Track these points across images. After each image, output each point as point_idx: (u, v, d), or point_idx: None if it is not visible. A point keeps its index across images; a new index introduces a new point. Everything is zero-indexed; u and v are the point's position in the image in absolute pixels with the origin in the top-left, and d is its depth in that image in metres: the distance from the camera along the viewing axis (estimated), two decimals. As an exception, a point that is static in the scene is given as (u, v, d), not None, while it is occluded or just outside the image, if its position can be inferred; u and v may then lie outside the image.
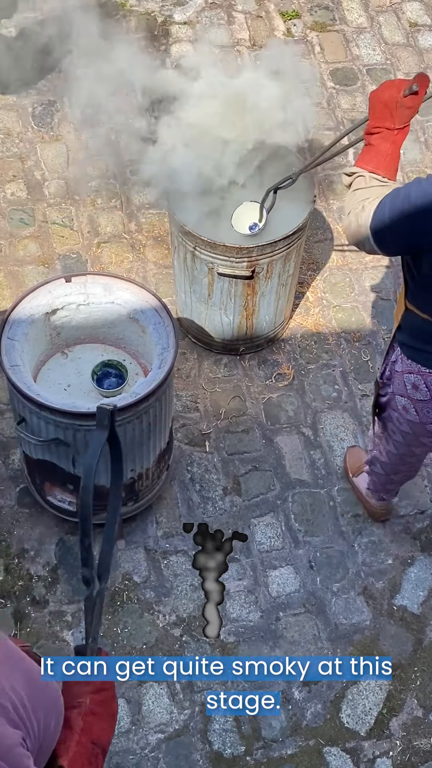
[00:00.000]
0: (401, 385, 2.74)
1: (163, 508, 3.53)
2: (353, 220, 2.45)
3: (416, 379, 2.69)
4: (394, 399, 2.81)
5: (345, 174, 2.58)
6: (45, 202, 4.31)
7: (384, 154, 2.49)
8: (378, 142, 2.50)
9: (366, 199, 2.44)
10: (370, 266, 4.23)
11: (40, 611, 3.30)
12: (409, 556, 3.52)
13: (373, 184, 2.47)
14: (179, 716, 3.15)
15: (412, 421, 2.81)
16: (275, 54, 3.59)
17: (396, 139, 2.49)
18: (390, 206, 2.35)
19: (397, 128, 2.48)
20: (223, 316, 3.74)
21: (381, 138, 2.50)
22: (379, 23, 5.04)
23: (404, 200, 2.32)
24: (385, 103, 2.47)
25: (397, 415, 2.85)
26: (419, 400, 2.72)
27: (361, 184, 2.49)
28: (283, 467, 3.67)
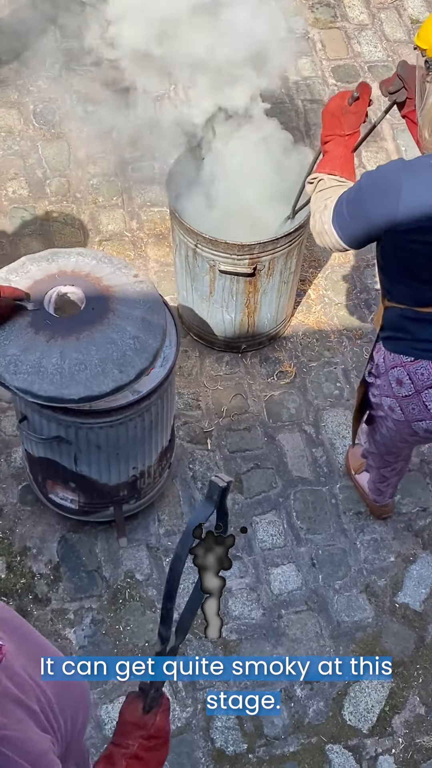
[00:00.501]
0: (387, 385, 2.76)
1: (165, 506, 3.53)
2: (317, 219, 2.61)
3: (399, 372, 2.71)
4: (381, 401, 2.83)
5: (308, 182, 2.75)
6: (46, 200, 4.31)
7: (339, 157, 2.69)
8: (332, 147, 2.71)
9: (328, 198, 2.60)
10: (372, 264, 4.22)
11: (42, 609, 3.30)
12: (411, 554, 3.52)
13: (333, 184, 2.64)
14: (181, 714, 3.15)
15: (397, 420, 2.82)
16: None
17: (347, 143, 2.71)
18: (346, 199, 2.52)
19: (347, 134, 2.71)
20: (224, 313, 3.73)
21: (334, 144, 2.71)
22: (381, 20, 5.03)
23: (356, 191, 2.49)
24: (332, 113, 2.72)
25: (383, 414, 2.88)
26: (404, 396, 2.73)
27: (322, 186, 2.66)
28: (285, 465, 3.67)
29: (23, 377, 2.72)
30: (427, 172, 2.40)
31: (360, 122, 2.71)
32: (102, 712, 3.15)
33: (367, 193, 2.44)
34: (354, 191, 2.50)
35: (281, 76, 4.73)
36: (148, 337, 2.83)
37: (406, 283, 2.58)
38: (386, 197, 2.39)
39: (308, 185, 2.74)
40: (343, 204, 2.52)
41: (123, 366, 2.77)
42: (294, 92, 4.72)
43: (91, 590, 3.35)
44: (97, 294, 2.87)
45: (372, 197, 2.43)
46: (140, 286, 2.93)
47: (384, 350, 2.75)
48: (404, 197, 2.37)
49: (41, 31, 4.74)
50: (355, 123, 2.70)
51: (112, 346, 2.78)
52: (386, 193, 2.39)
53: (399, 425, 2.84)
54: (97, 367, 2.74)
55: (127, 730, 1.79)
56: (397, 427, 2.86)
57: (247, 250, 3.44)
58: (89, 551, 3.42)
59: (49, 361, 2.73)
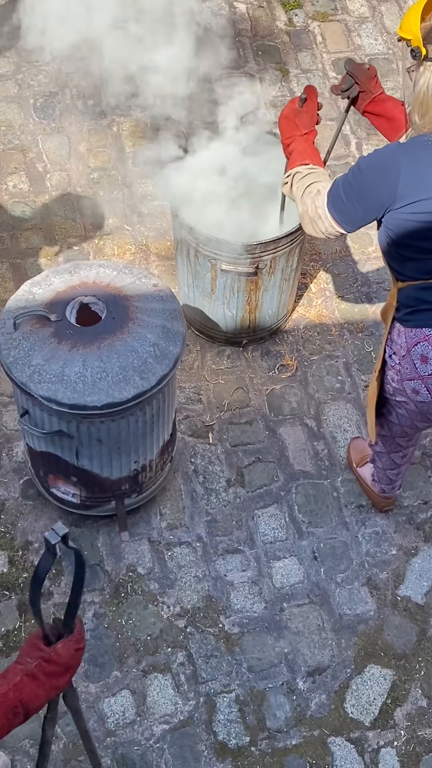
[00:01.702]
0: (410, 367, 2.75)
1: (166, 500, 3.53)
2: (310, 205, 2.71)
3: (423, 348, 2.71)
4: (402, 386, 2.81)
5: (283, 183, 2.88)
6: (47, 194, 4.30)
7: (303, 150, 2.85)
8: (294, 146, 2.87)
9: (317, 182, 2.72)
10: (373, 257, 4.22)
11: (45, 603, 3.30)
12: (413, 547, 3.52)
13: (308, 171, 2.78)
14: (184, 707, 3.16)
15: (422, 402, 2.82)
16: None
17: (308, 139, 2.88)
18: (343, 183, 2.63)
19: (305, 132, 2.88)
20: (226, 310, 3.73)
21: (296, 143, 2.88)
22: (381, 12, 5.02)
23: (355, 174, 2.59)
24: (286, 117, 2.90)
25: (403, 399, 2.87)
26: (430, 374, 2.73)
27: (300, 176, 2.79)
28: (287, 458, 3.67)
29: (47, 386, 2.84)
30: (423, 149, 2.52)
31: (314, 121, 2.90)
32: (104, 705, 3.15)
33: (367, 175, 2.55)
34: (352, 175, 2.60)
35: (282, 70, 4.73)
36: (168, 344, 2.94)
37: (415, 258, 2.64)
38: (386, 176, 2.52)
39: (284, 186, 2.88)
40: (339, 188, 2.63)
41: (144, 373, 2.87)
42: (294, 85, 4.71)
43: (93, 584, 3.35)
44: (118, 303, 2.99)
45: (372, 178, 2.54)
46: (160, 295, 3.04)
47: (404, 330, 2.76)
48: (404, 174, 2.49)
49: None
50: (309, 122, 2.89)
51: (132, 354, 2.88)
52: (386, 172, 2.51)
53: (422, 406, 2.84)
54: (118, 374, 2.85)
55: (28, 651, 1.87)
56: (419, 408, 2.86)
57: (249, 249, 3.44)
58: (91, 545, 3.43)
59: (71, 369, 2.84)
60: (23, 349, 2.90)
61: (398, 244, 2.63)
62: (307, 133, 2.88)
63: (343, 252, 4.23)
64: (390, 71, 4.79)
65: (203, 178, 3.58)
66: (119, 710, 3.14)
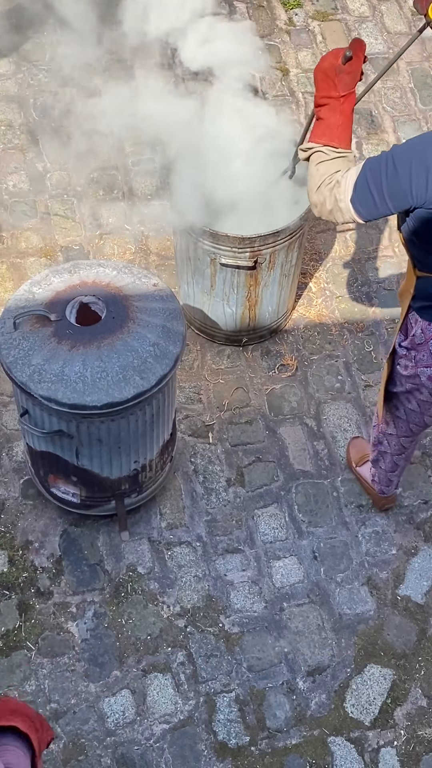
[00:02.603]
0: (427, 356, 2.74)
1: (166, 500, 3.53)
2: (328, 195, 2.54)
3: None
4: (417, 372, 2.80)
5: (301, 149, 2.64)
6: (47, 194, 4.30)
7: (335, 126, 2.56)
8: (326, 114, 2.57)
9: (336, 172, 2.53)
10: (373, 256, 4.22)
11: (45, 603, 3.30)
12: (413, 546, 3.52)
13: (334, 156, 2.56)
14: (184, 707, 3.16)
15: None
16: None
17: (343, 108, 2.55)
18: (372, 176, 2.44)
19: (342, 95, 2.54)
20: (225, 306, 3.73)
21: (329, 110, 2.56)
22: (381, 12, 5.02)
23: (388, 166, 2.42)
24: (324, 72, 2.54)
25: (415, 386, 2.85)
26: None
27: (322, 158, 2.57)
28: (287, 458, 3.67)
29: (47, 386, 2.84)
30: None
31: (355, 82, 2.56)
32: (104, 704, 3.15)
33: (402, 170, 2.39)
34: (384, 167, 2.42)
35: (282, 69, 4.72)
36: (168, 343, 2.94)
37: None
38: (426, 172, 2.37)
39: (301, 152, 2.65)
40: (368, 181, 2.45)
41: (143, 372, 2.88)
42: (294, 84, 4.71)
43: (93, 584, 3.35)
44: (118, 303, 2.98)
45: (409, 173, 2.39)
46: (160, 294, 3.04)
47: (422, 321, 2.73)
48: None
49: (41, 23, 4.73)
50: (350, 83, 2.54)
51: (132, 354, 2.89)
52: (425, 166, 2.36)
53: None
54: (118, 374, 2.85)
55: None
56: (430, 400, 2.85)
57: (248, 243, 3.43)
58: (91, 545, 3.43)
59: (71, 369, 2.85)
60: (23, 349, 2.90)
61: (424, 238, 2.53)
62: (345, 96, 2.54)
63: (344, 251, 4.23)
64: (390, 71, 4.78)
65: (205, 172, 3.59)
66: (119, 710, 3.15)
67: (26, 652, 3.22)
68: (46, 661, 3.21)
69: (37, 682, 3.18)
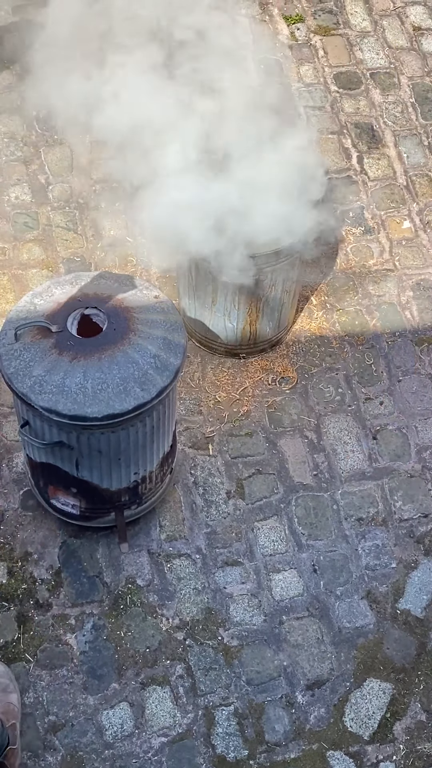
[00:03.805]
0: None
1: (166, 512, 3.53)
2: None
3: None
4: None
5: None
6: (49, 206, 4.31)
7: None
8: None
9: None
10: (374, 270, 4.23)
11: (44, 614, 3.30)
12: (413, 560, 3.51)
13: None
14: (182, 720, 3.15)
15: None
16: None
17: None
18: None
19: None
20: (227, 321, 3.74)
21: None
22: (383, 27, 5.05)
23: None
24: None
25: None
26: None
27: None
28: (287, 471, 3.67)
29: (48, 397, 2.85)
30: None
31: None
32: (102, 717, 3.14)
33: None
34: None
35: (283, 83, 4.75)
36: (169, 355, 2.95)
37: None
38: None
39: None
40: None
41: (144, 384, 2.88)
42: (296, 99, 4.73)
43: (92, 596, 3.35)
44: (119, 315, 3.00)
45: None
46: (161, 307, 3.05)
47: None
48: None
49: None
50: None
51: (133, 365, 2.90)
52: None
53: None
54: (119, 385, 2.87)
55: None
56: None
57: (250, 261, 3.44)
58: (90, 557, 3.42)
59: (72, 380, 2.85)
60: (24, 360, 2.91)
61: None
62: None
63: (344, 264, 4.24)
64: (391, 85, 4.81)
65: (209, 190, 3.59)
66: (117, 722, 3.13)
67: (25, 664, 3.21)
68: (44, 673, 3.21)
69: (36, 694, 3.17)
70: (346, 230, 4.33)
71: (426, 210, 4.41)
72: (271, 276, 3.54)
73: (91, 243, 4.22)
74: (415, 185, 4.48)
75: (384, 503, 3.62)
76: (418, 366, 3.97)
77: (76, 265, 4.13)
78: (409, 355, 3.99)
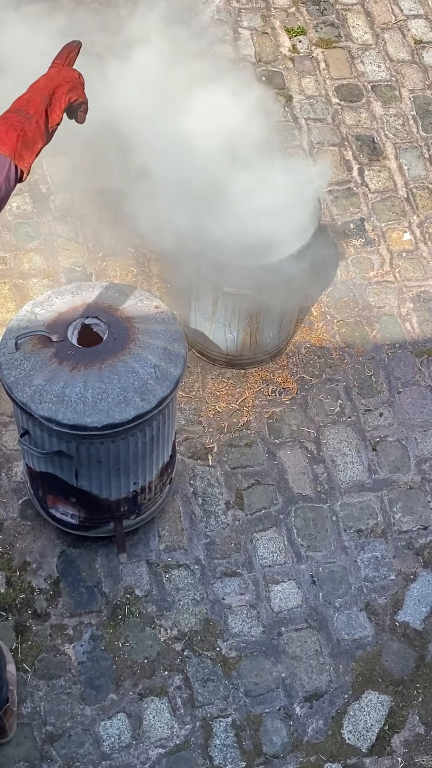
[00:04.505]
0: None
1: (165, 522, 3.53)
2: None
3: None
4: None
5: None
6: (50, 216, 4.32)
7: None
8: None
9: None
10: (374, 281, 4.24)
11: (42, 624, 3.29)
12: (411, 572, 3.51)
13: None
14: (180, 731, 3.14)
15: None
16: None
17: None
18: None
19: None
20: (227, 332, 3.74)
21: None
22: (384, 40, 5.07)
23: None
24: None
25: None
26: None
27: None
28: (286, 482, 3.67)
29: (48, 406, 2.85)
30: None
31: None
32: (100, 728, 3.13)
33: None
34: None
35: (285, 95, 4.76)
36: (169, 365, 2.95)
37: None
38: None
39: None
40: None
41: (144, 394, 2.88)
42: (297, 111, 4.75)
43: (90, 606, 3.34)
44: (120, 325, 3.00)
45: None
46: (161, 317, 3.05)
47: None
48: None
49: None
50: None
51: (133, 375, 2.90)
52: None
53: None
54: (119, 395, 2.86)
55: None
56: None
57: (252, 271, 3.45)
58: (89, 566, 3.42)
59: (72, 390, 2.85)
60: (24, 370, 2.91)
61: None
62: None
63: (345, 276, 4.24)
64: (393, 98, 4.83)
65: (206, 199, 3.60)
66: (115, 733, 3.12)
67: (22, 674, 3.20)
68: (42, 683, 3.20)
69: (33, 705, 3.16)
70: (347, 242, 4.34)
71: (426, 222, 4.42)
72: (272, 288, 3.54)
73: (92, 253, 4.23)
74: (415, 197, 4.50)
75: (383, 515, 3.62)
76: (418, 378, 3.97)
77: (77, 275, 4.13)
78: (409, 367, 4.00)
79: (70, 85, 2.29)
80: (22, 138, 2.19)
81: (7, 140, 2.15)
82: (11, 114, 2.20)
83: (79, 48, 2.36)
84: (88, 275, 4.15)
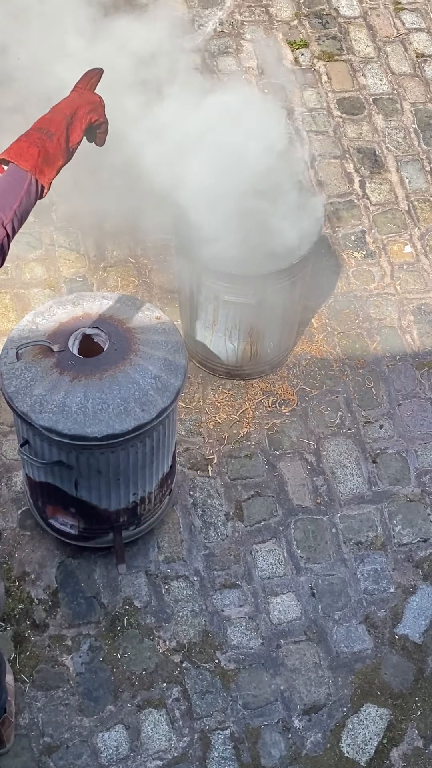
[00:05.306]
0: None
1: (164, 533, 3.52)
2: None
3: None
4: None
5: None
6: (52, 226, 4.33)
7: None
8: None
9: None
10: (375, 293, 4.24)
11: (40, 635, 3.28)
12: (411, 585, 3.50)
13: None
14: (178, 743, 3.12)
15: None
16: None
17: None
18: None
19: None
20: (227, 342, 3.75)
21: None
22: (386, 53, 5.09)
23: None
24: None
25: None
26: None
27: None
28: (286, 493, 3.67)
29: (48, 416, 2.85)
30: None
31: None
32: (98, 739, 3.12)
33: None
34: None
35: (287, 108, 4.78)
36: (170, 376, 2.95)
37: None
38: None
39: None
40: None
41: (144, 405, 2.89)
42: (299, 123, 4.76)
43: (89, 616, 3.33)
44: (120, 335, 3.00)
45: None
46: (162, 327, 3.06)
47: None
48: None
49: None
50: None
51: (134, 386, 2.90)
52: None
53: None
54: (119, 406, 2.86)
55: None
56: None
57: (252, 281, 3.45)
58: (88, 577, 3.41)
59: (73, 400, 2.85)
60: (25, 379, 2.91)
61: None
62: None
63: (345, 287, 4.25)
64: (394, 111, 4.84)
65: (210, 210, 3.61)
66: (113, 745, 3.11)
67: (20, 684, 3.19)
68: (40, 694, 3.19)
69: (31, 716, 3.15)
70: (348, 254, 4.35)
71: (427, 235, 4.43)
72: (273, 296, 3.55)
73: (93, 263, 4.23)
74: (416, 210, 4.51)
75: (383, 527, 3.62)
76: (419, 390, 3.97)
77: (78, 285, 4.14)
78: (409, 379, 4.00)
79: (91, 107, 2.37)
80: (43, 154, 2.29)
81: (29, 156, 2.26)
82: (33, 132, 2.33)
83: (101, 74, 2.44)
84: (90, 285, 4.15)
